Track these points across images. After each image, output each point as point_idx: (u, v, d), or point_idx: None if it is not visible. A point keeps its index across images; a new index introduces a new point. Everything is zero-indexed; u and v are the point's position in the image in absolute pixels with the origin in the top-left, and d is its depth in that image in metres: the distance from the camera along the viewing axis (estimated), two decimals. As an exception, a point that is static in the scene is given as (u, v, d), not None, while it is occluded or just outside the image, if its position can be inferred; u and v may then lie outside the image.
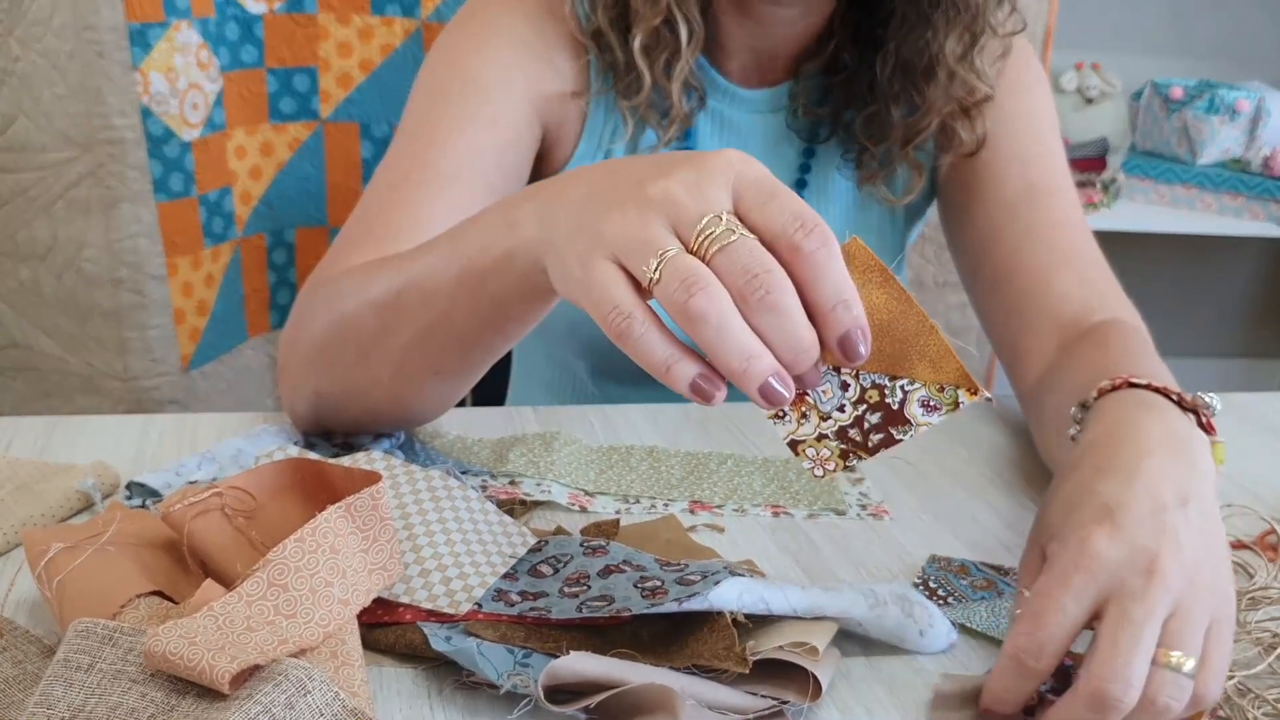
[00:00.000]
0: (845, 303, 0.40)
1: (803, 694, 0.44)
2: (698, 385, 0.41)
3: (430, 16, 1.09)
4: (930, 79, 0.73)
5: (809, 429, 0.44)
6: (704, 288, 0.40)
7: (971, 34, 0.73)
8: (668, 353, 0.41)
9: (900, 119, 0.76)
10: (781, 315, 0.40)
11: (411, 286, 0.55)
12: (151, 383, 1.08)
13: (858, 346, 0.40)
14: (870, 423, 0.43)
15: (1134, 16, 2.29)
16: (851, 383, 0.43)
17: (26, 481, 0.57)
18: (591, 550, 0.51)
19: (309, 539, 0.44)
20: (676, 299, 0.40)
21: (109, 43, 0.97)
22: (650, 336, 0.41)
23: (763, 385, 0.40)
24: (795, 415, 0.44)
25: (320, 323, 0.61)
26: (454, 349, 0.55)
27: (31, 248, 1.03)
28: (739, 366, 0.40)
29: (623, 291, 0.42)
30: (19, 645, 0.44)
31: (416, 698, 0.44)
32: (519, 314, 0.53)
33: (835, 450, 0.44)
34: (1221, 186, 2.03)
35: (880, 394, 0.43)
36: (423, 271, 0.54)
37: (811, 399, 0.43)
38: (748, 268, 0.40)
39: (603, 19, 0.72)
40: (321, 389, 0.61)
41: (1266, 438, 0.76)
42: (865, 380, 0.43)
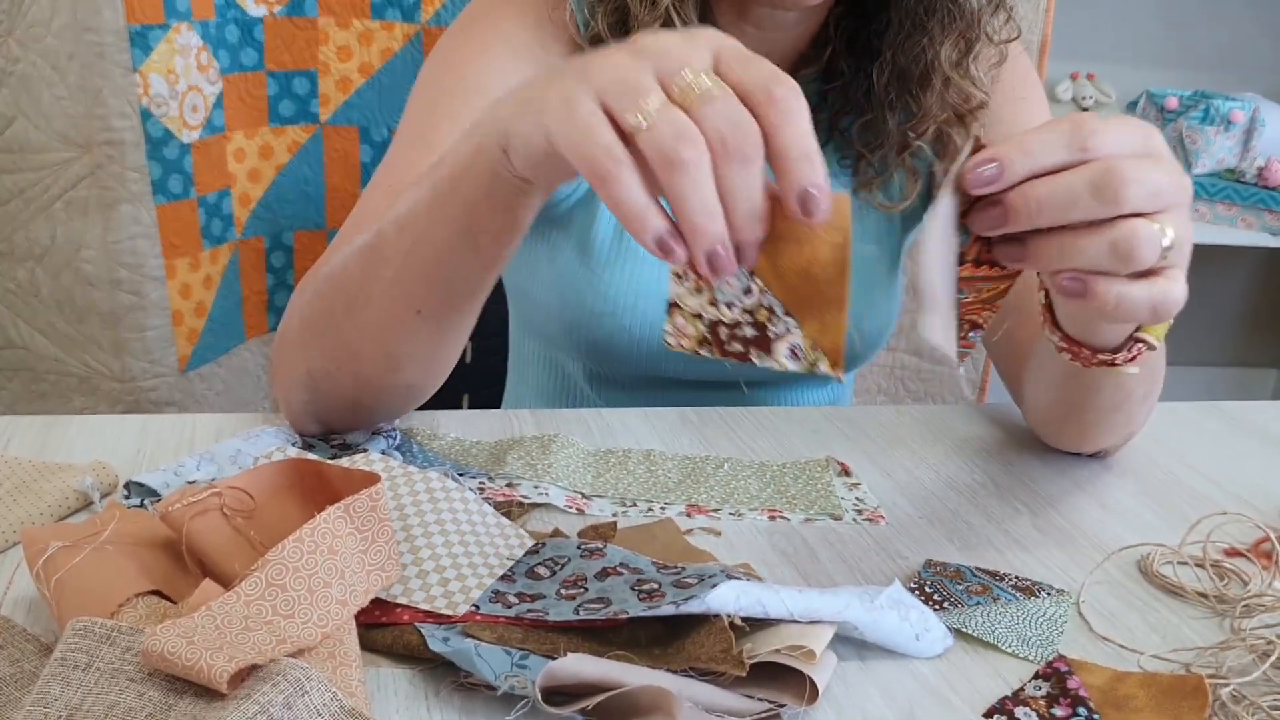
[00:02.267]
0: (809, 156, 0.42)
1: (799, 697, 0.44)
2: (664, 240, 0.42)
3: (430, 21, 1.09)
4: (926, 86, 0.74)
5: (694, 302, 0.46)
6: (694, 140, 0.41)
7: (966, 41, 0.73)
8: (645, 200, 0.42)
9: (896, 126, 0.76)
10: (749, 170, 0.41)
11: (389, 224, 0.56)
12: (149, 384, 1.08)
13: (817, 201, 0.42)
14: (742, 334, 0.46)
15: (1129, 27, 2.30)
16: (755, 292, 0.45)
17: (25, 480, 0.57)
18: (589, 553, 0.52)
19: (307, 539, 0.44)
20: (667, 147, 0.41)
21: (109, 44, 0.97)
22: (634, 181, 0.42)
23: (711, 250, 0.41)
24: (694, 283, 0.46)
25: (307, 297, 0.62)
26: (434, 275, 0.55)
27: (30, 248, 1.03)
28: (700, 221, 0.41)
29: (611, 135, 0.42)
30: (16, 643, 0.44)
31: (414, 698, 0.44)
32: (488, 219, 0.52)
33: (696, 335, 0.46)
34: (1216, 196, 2.04)
35: (768, 316, 0.45)
36: (399, 207, 0.56)
37: (716, 282, 0.45)
38: (729, 116, 0.41)
39: (602, 25, 0.72)
40: (313, 366, 0.62)
41: (1259, 446, 0.76)
42: (766, 298, 0.45)
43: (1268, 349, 2.63)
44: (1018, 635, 0.51)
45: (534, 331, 0.89)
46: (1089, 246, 0.46)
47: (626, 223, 0.42)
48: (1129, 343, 0.55)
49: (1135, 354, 0.55)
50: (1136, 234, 0.45)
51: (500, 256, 0.55)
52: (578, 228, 0.78)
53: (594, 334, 0.79)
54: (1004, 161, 0.46)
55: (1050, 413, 0.70)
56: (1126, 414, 0.67)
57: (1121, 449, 0.72)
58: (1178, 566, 0.58)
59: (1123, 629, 0.53)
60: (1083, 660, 0.49)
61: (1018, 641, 0.51)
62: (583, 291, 0.78)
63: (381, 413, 0.64)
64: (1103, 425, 0.68)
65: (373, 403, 0.63)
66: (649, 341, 0.79)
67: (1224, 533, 0.61)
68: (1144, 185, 0.45)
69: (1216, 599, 0.55)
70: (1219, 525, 0.60)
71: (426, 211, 0.54)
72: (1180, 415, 0.80)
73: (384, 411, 0.64)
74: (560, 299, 0.80)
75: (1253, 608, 0.54)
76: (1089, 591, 0.56)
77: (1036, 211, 0.46)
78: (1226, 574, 0.58)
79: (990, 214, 0.47)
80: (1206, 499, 0.67)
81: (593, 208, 0.78)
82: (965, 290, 0.50)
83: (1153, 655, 0.50)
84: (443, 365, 0.63)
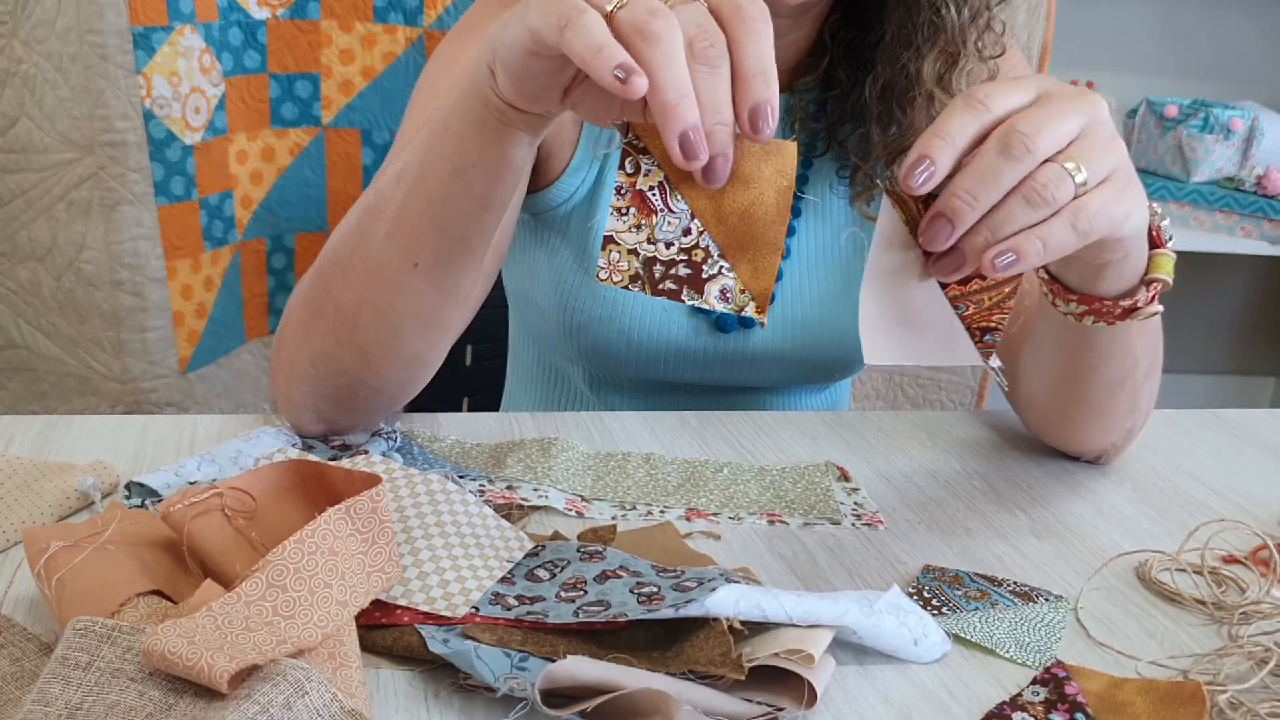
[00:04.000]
0: (766, 75, 0.43)
1: (798, 701, 0.44)
2: (625, 65, 0.42)
3: (432, 24, 1.09)
4: (910, 100, 0.74)
5: (631, 239, 0.46)
6: (666, 16, 0.43)
7: (948, 55, 0.73)
8: (606, 37, 0.43)
9: (884, 139, 0.76)
10: (716, 75, 0.43)
11: (386, 180, 0.57)
12: (149, 385, 1.08)
13: (767, 118, 0.43)
14: (675, 273, 0.46)
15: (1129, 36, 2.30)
16: (694, 232, 0.46)
17: (26, 480, 0.57)
18: (588, 555, 0.52)
19: (308, 540, 0.44)
20: (639, 19, 0.42)
21: (112, 46, 0.97)
22: (595, 24, 0.43)
23: (684, 131, 0.42)
24: (634, 219, 0.46)
25: (306, 286, 0.63)
26: (427, 218, 0.56)
27: (31, 249, 1.04)
28: (672, 99, 0.42)
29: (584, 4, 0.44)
30: (17, 643, 0.45)
31: (413, 700, 0.45)
32: (478, 152, 0.53)
33: (630, 270, 0.47)
34: (1215, 204, 2.04)
35: (704, 256, 0.46)
36: (395, 164, 0.57)
37: (656, 221, 0.46)
38: (701, 24, 0.43)
39: None
40: (315, 351, 0.62)
41: (1257, 454, 0.77)
42: (704, 239, 0.46)
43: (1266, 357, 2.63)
44: (1016, 641, 0.51)
45: (533, 335, 0.89)
46: (1008, 213, 0.47)
47: (587, 59, 0.43)
48: (1141, 287, 0.56)
49: (1154, 293, 0.56)
50: (1040, 178, 0.47)
51: (493, 198, 0.55)
52: (576, 231, 0.79)
53: (593, 338, 0.79)
54: (930, 153, 0.47)
55: (1052, 402, 0.70)
56: (1131, 392, 0.66)
57: (1121, 454, 0.72)
58: (1176, 573, 0.58)
59: (1121, 635, 0.53)
60: (1080, 666, 0.50)
61: (1016, 647, 0.51)
62: (581, 295, 0.79)
63: (384, 397, 0.64)
64: (1106, 409, 0.67)
65: (376, 381, 0.63)
66: (648, 345, 0.79)
67: (1222, 540, 0.61)
68: (1043, 130, 0.47)
69: (1214, 606, 0.55)
70: (1217, 532, 0.60)
71: (420, 154, 0.55)
72: (1179, 423, 0.80)
73: (386, 395, 0.64)
74: (559, 303, 0.80)
75: (1250, 615, 0.54)
76: (1087, 598, 0.56)
77: (974, 199, 0.47)
78: (1224, 581, 0.58)
79: (935, 228, 0.48)
80: (1205, 506, 0.67)
81: (591, 211, 0.78)
82: (963, 305, 0.51)
83: (1150, 662, 0.51)
84: (442, 332, 0.62)
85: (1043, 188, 0.47)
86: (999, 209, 0.47)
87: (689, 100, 0.42)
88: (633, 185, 0.46)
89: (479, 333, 0.64)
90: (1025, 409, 0.74)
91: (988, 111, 0.48)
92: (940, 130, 0.47)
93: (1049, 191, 0.47)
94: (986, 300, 0.51)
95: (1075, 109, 0.48)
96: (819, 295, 0.81)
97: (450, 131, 0.53)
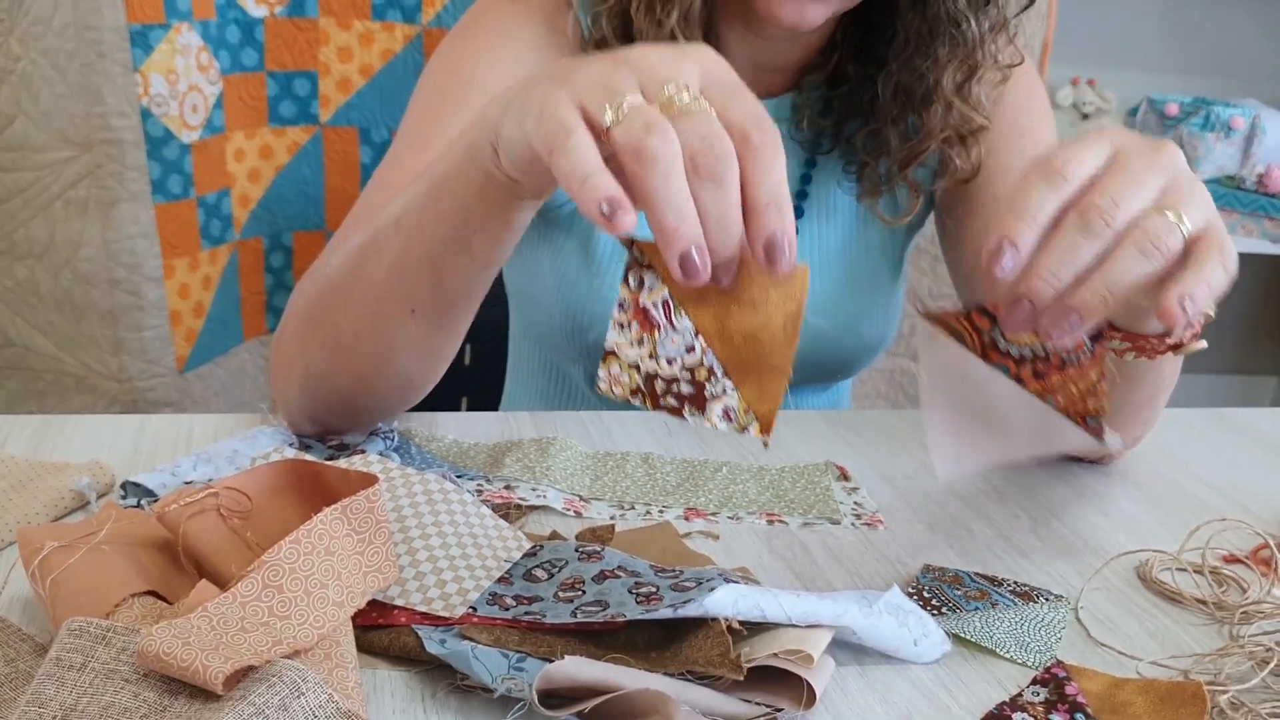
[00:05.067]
0: (779, 205, 0.41)
1: (796, 701, 0.44)
2: (612, 200, 0.40)
3: (431, 22, 1.09)
4: (928, 106, 0.74)
5: (633, 354, 0.45)
6: (664, 133, 0.40)
7: (969, 66, 0.73)
8: (594, 165, 0.40)
9: (899, 140, 0.76)
10: (723, 190, 0.40)
11: (386, 221, 0.56)
12: (146, 384, 1.08)
13: (782, 251, 0.41)
14: (678, 390, 0.45)
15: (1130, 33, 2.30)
16: (697, 350, 0.45)
17: (21, 479, 0.57)
18: (586, 555, 0.51)
19: (304, 540, 0.44)
20: (635, 137, 0.40)
21: (110, 43, 0.97)
22: (584, 149, 0.41)
23: (685, 252, 0.40)
24: (636, 334, 0.45)
25: (305, 296, 0.62)
26: (427, 274, 0.55)
27: (29, 247, 1.03)
28: (672, 222, 0.40)
29: (574, 117, 0.41)
30: (12, 643, 0.44)
31: (410, 700, 0.44)
32: (480, 219, 0.52)
33: (631, 384, 0.45)
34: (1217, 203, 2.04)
35: (707, 375, 0.45)
36: (396, 206, 0.56)
37: (659, 337, 0.44)
38: (706, 137, 0.40)
39: (607, 30, 0.72)
40: (310, 365, 0.62)
41: (1259, 453, 0.76)
42: (708, 357, 0.45)
43: (1269, 356, 2.63)
44: (1016, 641, 0.51)
45: (534, 334, 0.89)
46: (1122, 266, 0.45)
47: (574, 187, 0.41)
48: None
49: (1198, 328, 0.54)
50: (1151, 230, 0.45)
51: (493, 259, 0.55)
52: (580, 230, 0.78)
53: (594, 337, 0.79)
54: (1014, 237, 0.45)
55: None
56: (1156, 406, 0.66)
57: (1123, 454, 0.72)
58: (1176, 573, 0.58)
59: (1121, 635, 0.53)
60: (1081, 666, 0.49)
61: (1016, 647, 0.50)
62: (584, 294, 0.78)
63: (378, 411, 0.64)
64: (1128, 425, 0.67)
65: (369, 401, 0.63)
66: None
67: (1223, 539, 0.61)
68: (1123, 203, 0.45)
69: (1215, 606, 0.55)
70: (1218, 532, 0.60)
71: (420, 208, 0.54)
72: (1180, 422, 0.80)
73: (380, 410, 0.64)
74: (561, 302, 0.80)
75: (1251, 614, 0.54)
76: (1087, 598, 0.55)
77: (1057, 279, 0.45)
78: (1225, 581, 0.58)
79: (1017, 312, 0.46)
80: (1206, 505, 0.67)
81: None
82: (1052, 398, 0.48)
83: (1151, 662, 0.50)
84: (438, 363, 0.62)
85: (1156, 239, 0.45)
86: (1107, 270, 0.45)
87: (690, 222, 0.40)
88: (636, 301, 0.44)
89: (479, 332, 0.64)
90: None
91: (1066, 184, 0.45)
92: (1021, 210, 0.45)
93: (1162, 242, 0.45)
94: (1074, 389, 0.48)
95: (1153, 169, 0.46)
96: (821, 294, 0.81)
97: (451, 195, 0.52)
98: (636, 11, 0.69)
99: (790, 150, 0.80)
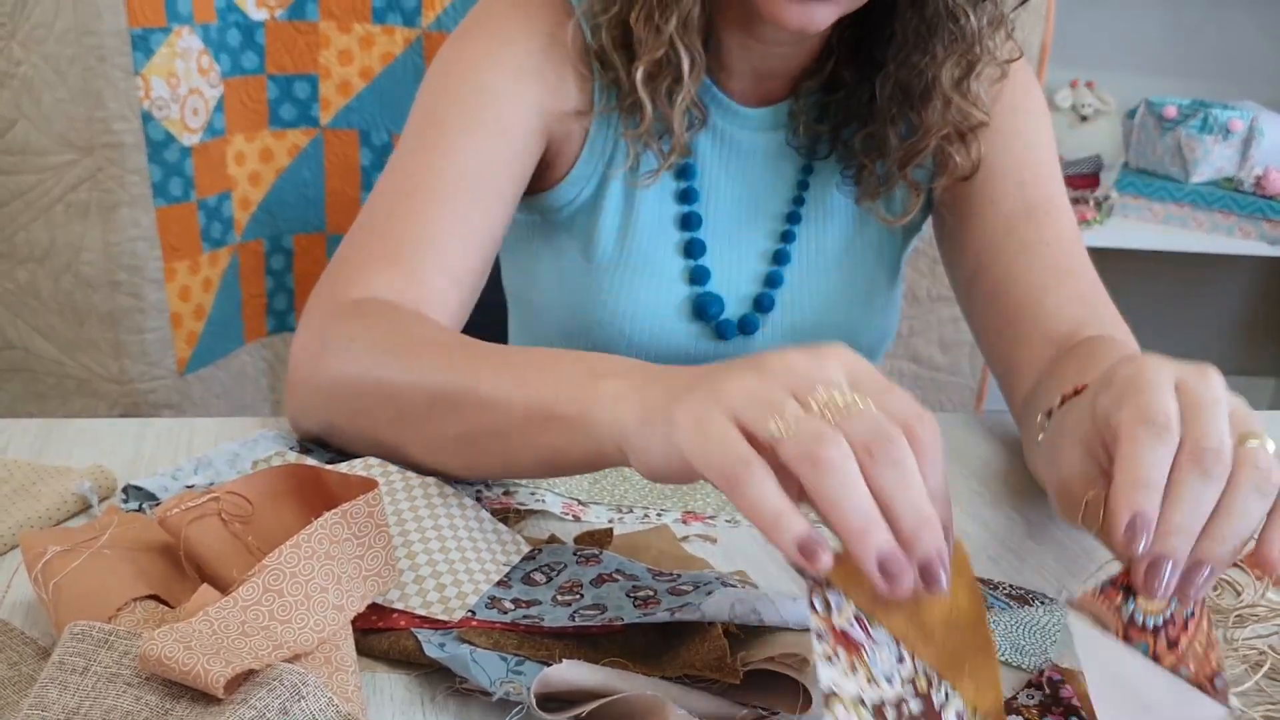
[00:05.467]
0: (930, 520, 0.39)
1: (792, 705, 0.44)
2: (806, 542, 0.38)
3: (431, 26, 1.09)
4: (927, 103, 0.74)
5: (852, 687, 0.40)
6: (836, 443, 0.39)
7: (968, 61, 0.73)
8: (783, 503, 0.39)
9: (897, 141, 0.76)
10: (907, 474, 0.39)
11: (470, 393, 0.54)
12: (147, 386, 1.08)
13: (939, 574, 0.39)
14: (909, 710, 0.40)
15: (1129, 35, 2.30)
16: (907, 660, 0.41)
17: (23, 483, 0.57)
18: (585, 559, 0.52)
19: (305, 545, 0.44)
20: (807, 449, 0.39)
21: (111, 47, 0.97)
22: (768, 484, 0.39)
23: (884, 554, 0.38)
24: (846, 662, 0.40)
25: (355, 369, 0.59)
26: (498, 464, 0.55)
27: (30, 250, 1.04)
28: (859, 525, 0.38)
29: (743, 444, 0.40)
30: (14, 647, 0.45)
31: (409, 704, 0.45)
32: (572, 466, 0.52)
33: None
34: (1214, 205, 2.04)
35: (927, 685, 0.41)
36: (486, 385, 0.53)
37: (867, 656, 0.40)
38: (875, 429, 0.40)
39: (606, 40, 0.72)
40: (338, 425, 0.61)
41: (1255, 456, 0.76)
42: (919, 664, 0.41)
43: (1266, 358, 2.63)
44: (1011, 644, 0.51)
45: (533, 338, 0.89)
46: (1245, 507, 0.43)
47: (764, 526, 0.39)
48: None
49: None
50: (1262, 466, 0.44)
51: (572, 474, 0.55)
52: (580, 232, 0.79)
53: (593, 341, 0.79)
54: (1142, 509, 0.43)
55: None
56: None
57: None
58: (1171, 576, 0.58)
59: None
60: (1075, 670, 0.50)
61: (1011, 650, 0.51)
62: (583, 298, 0.79)
63: None
64: None
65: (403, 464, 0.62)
66: (650, 350, 0.79)
67: (1218, 543, 0.61)
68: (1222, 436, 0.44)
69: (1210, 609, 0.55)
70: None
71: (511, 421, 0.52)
72: (1176, 425, 0.80)
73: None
74: (561, 305, 0.80)
75: (1245, 618, 0.54)
76: (1083, 601, 0.56)
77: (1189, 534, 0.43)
78: (1220, 584, 0.58)
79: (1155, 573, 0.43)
80: (1201, 509, 0.67)
81: (595, 214, 0.78)
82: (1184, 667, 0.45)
83: (1145, 665, 0.51)
84: None
85: (1268, 474, 0.43)
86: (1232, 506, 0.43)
87: (879, 524, 0.38)
88: (830, 626, 0.40)
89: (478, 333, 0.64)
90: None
91: (1173, 436, 0.44)
92: (1140, 479, 0.43)
93: (1275, 476, 0.44)
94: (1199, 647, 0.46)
95: (1219, 395, 0.46)
96: (821, 298, 0.81)
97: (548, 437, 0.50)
98: (636, 21, 0.70)
99: (788, 156, 0.80)
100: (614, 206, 0.77)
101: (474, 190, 0.69)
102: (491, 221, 0.70)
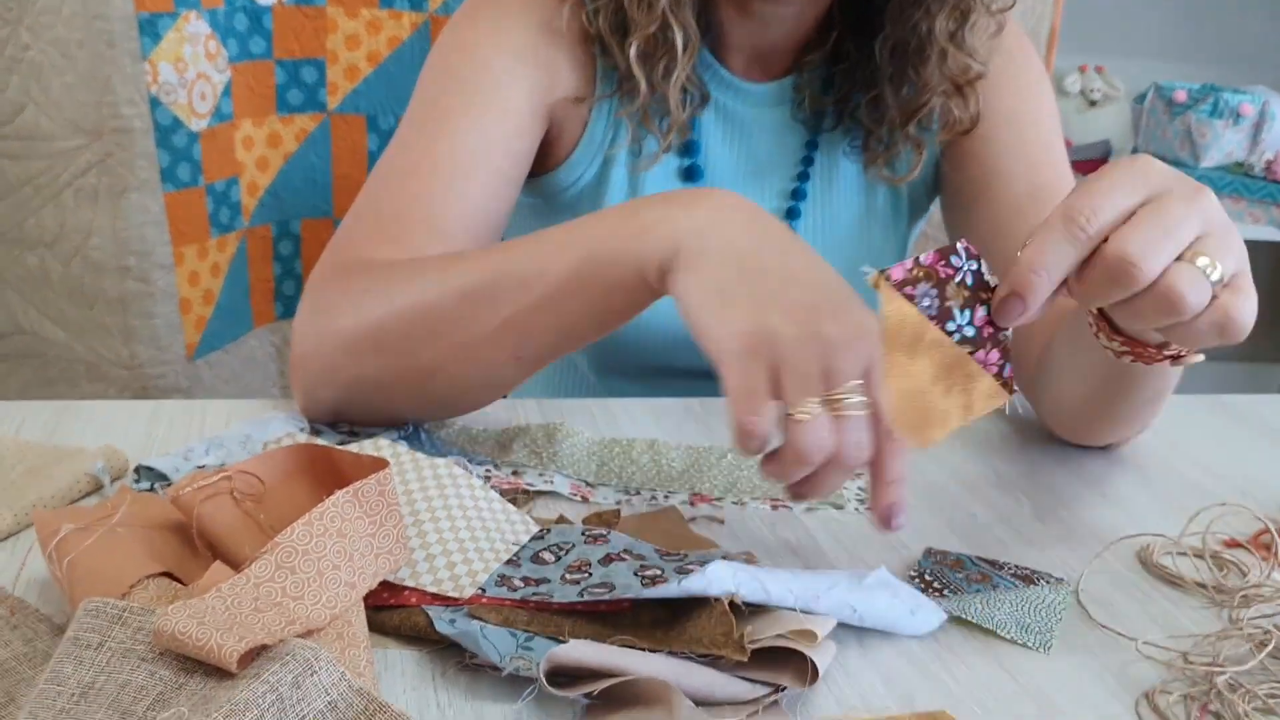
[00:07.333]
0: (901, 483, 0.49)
1: (799, 680, 0.44)
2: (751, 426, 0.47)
3: (438, 10, 1.09)
4: (923, 58, 0.74)
5: None
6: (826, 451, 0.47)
7: (960, 11, 0.74)
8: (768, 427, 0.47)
9: (898, 99, 0.76)
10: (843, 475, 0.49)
11: (508, 276, 0.57)
12: (157, 371, 1.09)
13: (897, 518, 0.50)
14: None
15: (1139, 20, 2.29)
16: None
17: (37, 464, 0.58)
18: (593, 539, 0.52)
19: (317, 523, 0.45)
20: (804, 446, 0.47)
21: (118, 32, 0.97)
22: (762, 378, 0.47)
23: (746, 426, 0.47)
24: None
25: (373, 310, 0.61)
26: (549, 335, 0.58)
27: (39, 235, 1.04)
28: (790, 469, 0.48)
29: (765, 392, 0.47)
30: (30, 624, 0.45)
31: (420, 679, 0.45)
32: (622, 306, 0.56)
33: None
34: (1224, 190, 2.03)
35: None
36: (522, 263, 0.57)
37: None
38: (858, 444, 0.48)
39: (602, 25, 0.72)
40: (365, 374, 0.61)
41: (1261, 440, 0.77)
42: None
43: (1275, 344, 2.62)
44: (1017, 622, 0.51)
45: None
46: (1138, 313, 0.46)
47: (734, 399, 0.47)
48: None
49: None
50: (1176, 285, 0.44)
51: (617, 326, 0.58)
52: (586, 212, 0.79)
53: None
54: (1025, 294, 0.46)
55: (1080, 411, 0.69)
56: (1160, 402, 0.66)
57: (1129, 442, 0.72)
58: (1177, 557, 0.59)
59: (1121, 618, 0.53)
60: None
61: (1016, 628, 0.51)
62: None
63: (417, 419, 0.64)
64: (1135, 417, 0.67)
65: (418, 414, 0.63)
66: (656, 332, 0.79)
67: (1224, 524, 0.61)
68: (1156, 245, 0.44)
69: (1215, 590, 0.56)
70: (1219, 516, 0.61)
71: (559, 282, 0.56)
72: (1181, 408, 0.80)
73: (420, 419, 0.65)
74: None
75: (1251, 598, 0.54)
76: (1088, 581, 0.56)
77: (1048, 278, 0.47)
78: (1225, 565, 0.58)
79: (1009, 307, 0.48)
80: (1207, 491, 0.68)
81: (599, 197, 0.78)
82: None
83: (1147, 642, 0.51)
84: (510, 390, 0.65)
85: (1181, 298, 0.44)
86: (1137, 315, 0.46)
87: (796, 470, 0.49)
88: None
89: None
90: (1048, 412, 0.72)
91: (1089, 238, 0.45)
92: (1036, 263, 0.45)
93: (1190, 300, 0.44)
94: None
95: (1189, 214, 0.45)
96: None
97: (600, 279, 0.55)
98: (630, 2, 0.70)
99: (793, 130, 0.80)
100: (618, 189, 0.78)
101: (475, 169, 0.69)
102: (494, 200, 0.70)
